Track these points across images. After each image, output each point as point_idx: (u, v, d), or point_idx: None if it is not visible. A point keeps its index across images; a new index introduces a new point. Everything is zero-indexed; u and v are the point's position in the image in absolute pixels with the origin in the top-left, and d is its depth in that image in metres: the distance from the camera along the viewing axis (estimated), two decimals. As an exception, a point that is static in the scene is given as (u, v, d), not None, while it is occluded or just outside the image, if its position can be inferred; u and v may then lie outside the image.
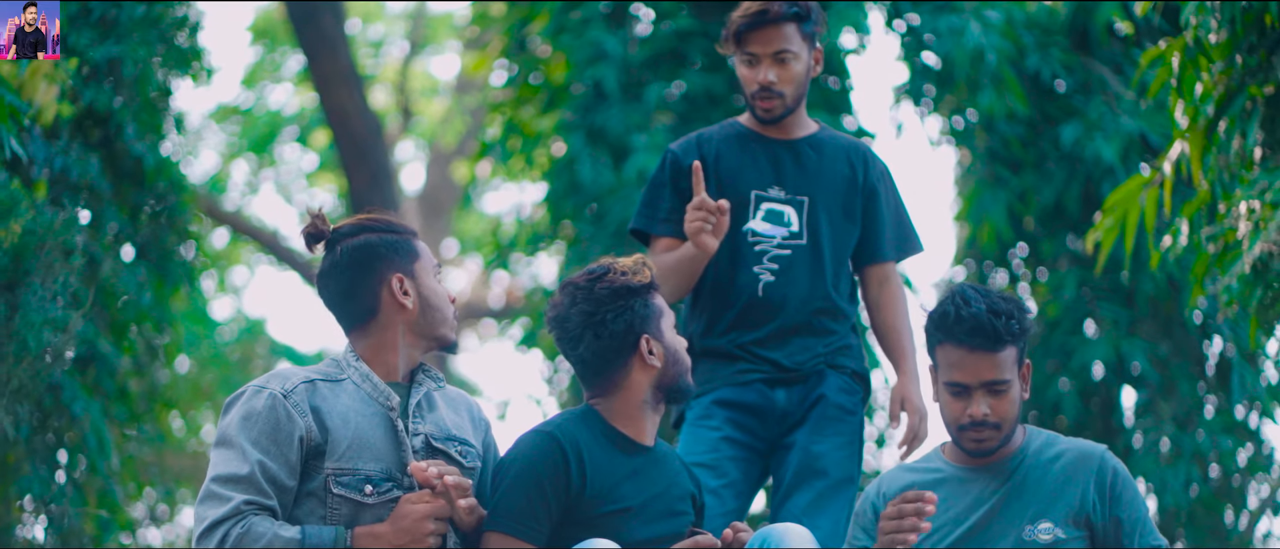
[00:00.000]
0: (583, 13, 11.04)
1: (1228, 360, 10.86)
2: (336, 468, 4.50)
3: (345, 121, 14.80)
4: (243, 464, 4.43)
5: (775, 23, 5.39)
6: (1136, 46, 11.42)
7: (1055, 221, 11.41)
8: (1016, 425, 5.01)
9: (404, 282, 4.65)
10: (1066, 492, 4.91)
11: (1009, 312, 4.92)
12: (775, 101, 5.44)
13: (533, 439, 4.69)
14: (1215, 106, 6.60)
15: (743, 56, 5.43)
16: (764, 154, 5.48)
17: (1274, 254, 6.13)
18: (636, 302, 4.74)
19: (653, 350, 4.73)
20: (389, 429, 4.58)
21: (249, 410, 4.50)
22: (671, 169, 5.49)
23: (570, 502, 4.61)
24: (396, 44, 23.06)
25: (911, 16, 11.28)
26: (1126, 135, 10.89)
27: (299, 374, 4.60)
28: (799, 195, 5.48)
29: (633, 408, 4.76)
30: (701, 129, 5.62)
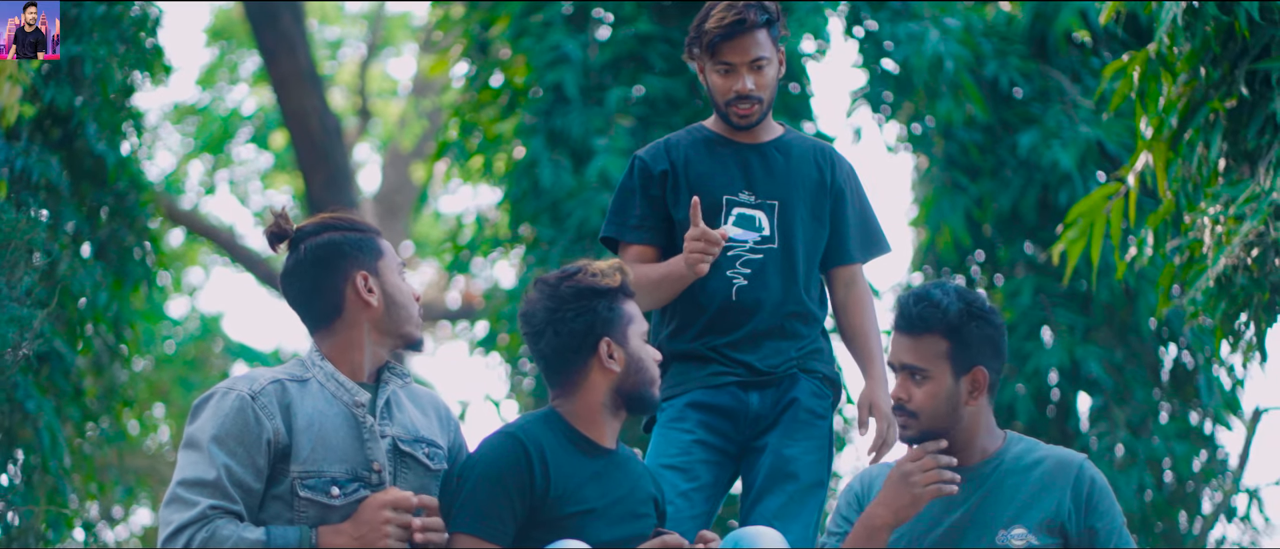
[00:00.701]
0: (544, 16, 11.04)
1: (1182, 367, 10.94)
2: (302, 471, 4.49)
3: (304, 122, 14.77)
4: (209, 469, 4.42)
5: (751, 31, 5.38)
6: (1094, 55, 11.48)
7: (1012, 228, 11.46)
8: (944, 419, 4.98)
9: (368, 279, 4.64)
10: (1043, 499, 4.91)
11: (936, 302, 4.94)
12: (754, 108, 5.40)
13: (496, 441, 4.69)
14: (1179, 118, 6.64)
15: (718, 66, 5.36)
16: (733, 159, 5.47)
17: (1238, 268, 6.17)
18: (600, 303, 4.74)
19: (613, 354, 4.73)
20: (354, 429, 4.57)
21: (217, 413, 4.48)
22: (641, 176, 5.45)
23: (534, 503, 4.61)
24: (353, 46, 23.04)
25: (870, 23, 11.31)
26: (1084, 143, 10.95)
27: (267, 375, 4.58)
28: (769, 200, 5.47)
29: (592, 410, 4.76)
30: (667, 135, 5.60)
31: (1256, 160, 6.33)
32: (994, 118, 11.36)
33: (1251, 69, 6.30)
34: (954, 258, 11.71)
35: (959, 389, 4.95)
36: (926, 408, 4.95)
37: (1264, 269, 6.12)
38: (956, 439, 4.99)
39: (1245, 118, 6.36)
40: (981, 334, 4.93)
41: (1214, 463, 10.90)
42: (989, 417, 5.03)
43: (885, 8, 11.20)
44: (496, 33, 11.38)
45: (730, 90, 5.37)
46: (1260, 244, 6.09)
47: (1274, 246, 6.06)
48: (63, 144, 8.61)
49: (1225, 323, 6.43)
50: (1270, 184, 6.07)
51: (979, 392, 4.96)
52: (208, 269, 22.20)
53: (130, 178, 8.98)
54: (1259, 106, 6.30)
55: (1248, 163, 6.40)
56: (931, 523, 4.98)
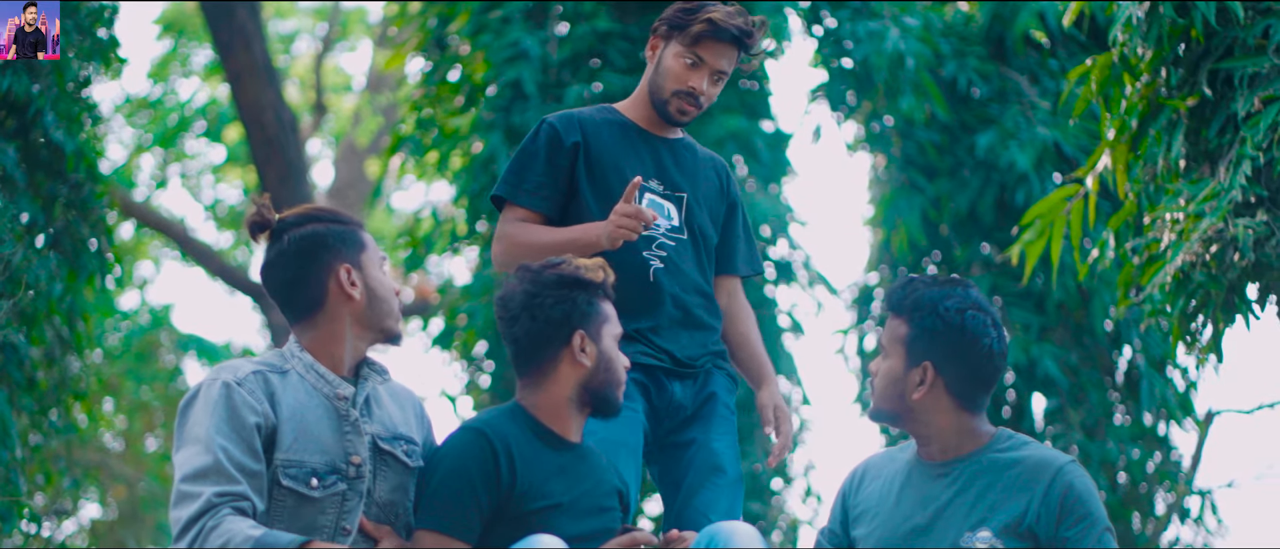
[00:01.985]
0: (503, 12, 11.02)
1: (1137, 369, 10.97)
2: (284, 459, 4.47)
3: (258, 116, 14.70)
4: (206, 455, 4.38)
5: (736, 46, 5.36)
6: (1052, 57, 11.52)
7: (969, 228, 11.48)
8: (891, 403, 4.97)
9: (351, 272, 4.62)
10: (1012, 501, 4.84)
11: (913, 287, 4.95)
12: (693, 110, 5.40)
13: (462, 436, 4.67)
14: (1139, 119, 6.66)
15: (688, 54, 5.31)
16: (644, 147, 5.43)
17: (1197, 264, 6.19)
18: (580, 295, 4.72)
19: (585, 349, 4.72)
20: (335, 421, 4.56)
21: (206, 402, 4.46)
22: (548, 142, 5.34)
23: (500, 498, 4.59)
24: (306, 40, 22.96)
25: (830, 21, 11.33)
26: (1041, 144, 10.98)
27: (248, 365, 4.56)
28: (677, 192, 5.45)
29: (558, 404, 4.75)
30: (579, 109, 5.52)
31: (1217, 159, 6.36)
32: (952, 118, 11.39)
33: (1213, 69, 6.32)
34: (910, 257, 11.74)
35: (907, 379, 4.93)
36: (879, 386, 4.97)
37: (1222, 266, 6.15)
38: (915, 431, 4.98)
39: (1207, 117, 6.39)
40: (938, 331, 4.89)
41: (1168, 465, 10.94)
42: (958, 418, 4.95)
43: (845, 6, 11.22)
44: (455, 28, 11.35)
45: (685, 83, 5.34)
46: (1220, 241, 6.12)
47: (1233, 243, 6.08)
48: (19, 134, 8.55)
49: (1182, 321, 6.45)
50: (1230, 181, 6.09)
51: (925, 387, 4.92)
52: (158, 262, 22.11)
53: (87, 168, 8.93)
54: (1221, 105, 6.32)
55: (1208, 162, 6.43)
56: (900, 521, 4.96)
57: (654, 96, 5.41)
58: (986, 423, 5.01)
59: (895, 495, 4.99)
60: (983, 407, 5.00)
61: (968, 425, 4.95)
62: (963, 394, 4.93)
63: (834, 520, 5.14)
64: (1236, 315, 6.38)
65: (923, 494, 4.94)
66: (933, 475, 4.96)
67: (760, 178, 11.01)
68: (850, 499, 5.11)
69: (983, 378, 4.95)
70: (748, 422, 10.78)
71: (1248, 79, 6.22)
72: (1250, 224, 6.01)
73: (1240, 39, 6.25)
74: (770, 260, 11.17)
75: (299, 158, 15.10)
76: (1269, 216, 6.04)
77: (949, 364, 4.89)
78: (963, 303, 4.92)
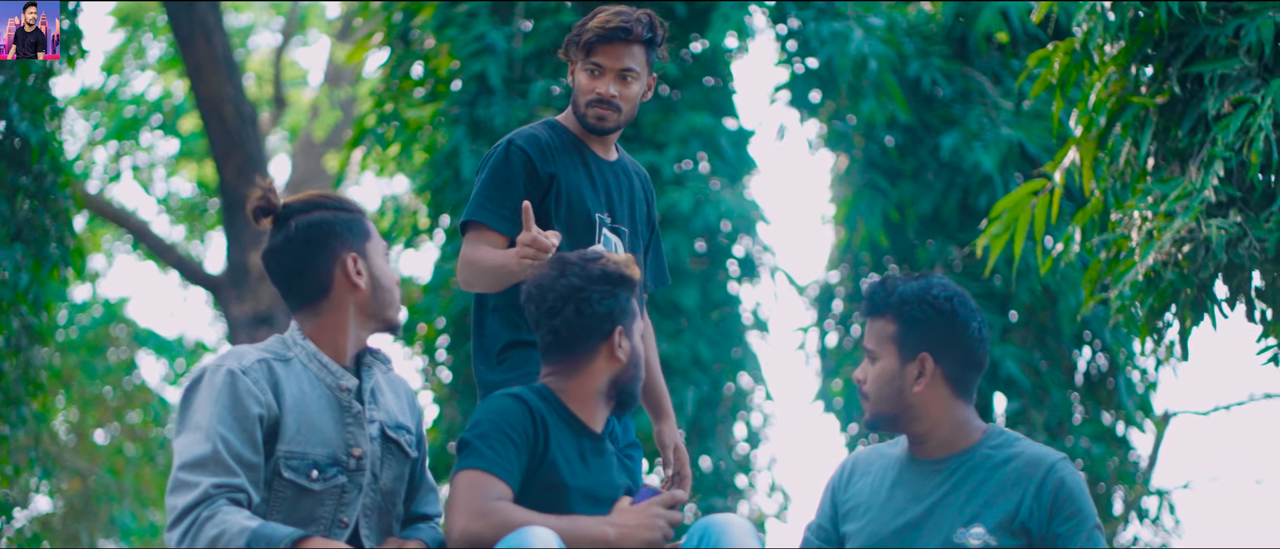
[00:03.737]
0: (468, 6, 11.02)
1: (1098, 369, 11.04)
2: (287, 451, 4.45)
3: (218, 109, 14.67)
4: (206, 444, 4.36)
5: (630, 43, 5.38)
6: (1015, 57, 11.57)
7: (932, 229, 11.52)
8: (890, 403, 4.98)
9: (357, 261, 4.58)
10: (1006, 497, 4.84)
11: (891, 285, 4.97)
12: (610, 114, 5.40)
13: (503, 400, 4.67)
14: (1108, 116, 6.70)
15: (587, 65, 5.36)
16: (598, 176, 5.47)
17: (1168, 264, 6.22)
18: (623, 294, 4.76)
19: (622, 345, 4.75)
20: (336, 412, 4.53)
21: (210, 390, 4.42)
22: (525, 170, 5.34)
23: (534, 464, 4.61)
24: (263, 34, 22.90)
25: (794, 21, 11.36)
26: (1005, 145, 11.03)
27: (253, 352, 4.52)
28: (620, 225, 5.51)
29: (588, 394, 4.77)
30: (536, 131, 5.48)
31: (1187, 158, 6.39)
32: (915, 118, 11.43)
33: (1184, 70, 6.37)
34: (871, 257, 11.77)
35: (904, 374, 4.93)
36: (874, 390, 4.96)
37: (1193, 265, 6.18)
38: (914, 430, 4.97)
39: (1177, 116, 6.43)
40: (928, 320, 4.90)
41: (1126, 464, 11.01)
42: (955, 409, 4.97)
43: (810, 6, 11.25)
44: (420, 22, 11.35)
45: (592, 91, 5.36)
46: (1191, 241, 6.15)
47: (1204, 244, 6.12)
48: (-18, 125, 8.54)
49: (1150, 319, 6.49)
50: (1202, 182, 6.13)
51: (926, 379, 4.93)
52: (111, 255, 22.00)
53: (51, 160, 8.91)
54: (1191, 105, 6.36)
55: (1177, 161, 6.47)
56: (891, 517, 4.97)
57: (576, 113, 5.44)
58: (978, 418, 5.04)
59: (887, 491, 5.00)
60: (974, 396, 5.02)
61: (962, 417, 4.96)
62: (958, 382, 4.94)
63: (822, 516, 5.14)
64: (1205, 315, 6.42)
65: (915, 490, 4.95)
66: (925, 471, 4.97)
67: (725, 175, 11.04)
68: (840, 494, 5.11)
69: (975, 362, 4.98)
70: (710, 419, 10.82)
71: (1218, 79, 6.26)
72: (1223, 225, 6.05)
73: (1211, 38, 6.29)
74: (734, 258, 11.19)
75: (258, 151, 15.07)
76: (1241, 217, 6.08)
77: (945, 352, 4.91)
78: (947, 290, 4.95)
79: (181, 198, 22.19)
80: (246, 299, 15.10)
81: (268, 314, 15.09)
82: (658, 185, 10.69)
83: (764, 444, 11.27)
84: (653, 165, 10.69)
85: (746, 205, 11.09)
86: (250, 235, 15.04)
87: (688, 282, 10.80)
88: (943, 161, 11.29)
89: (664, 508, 4.63)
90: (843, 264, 12.07)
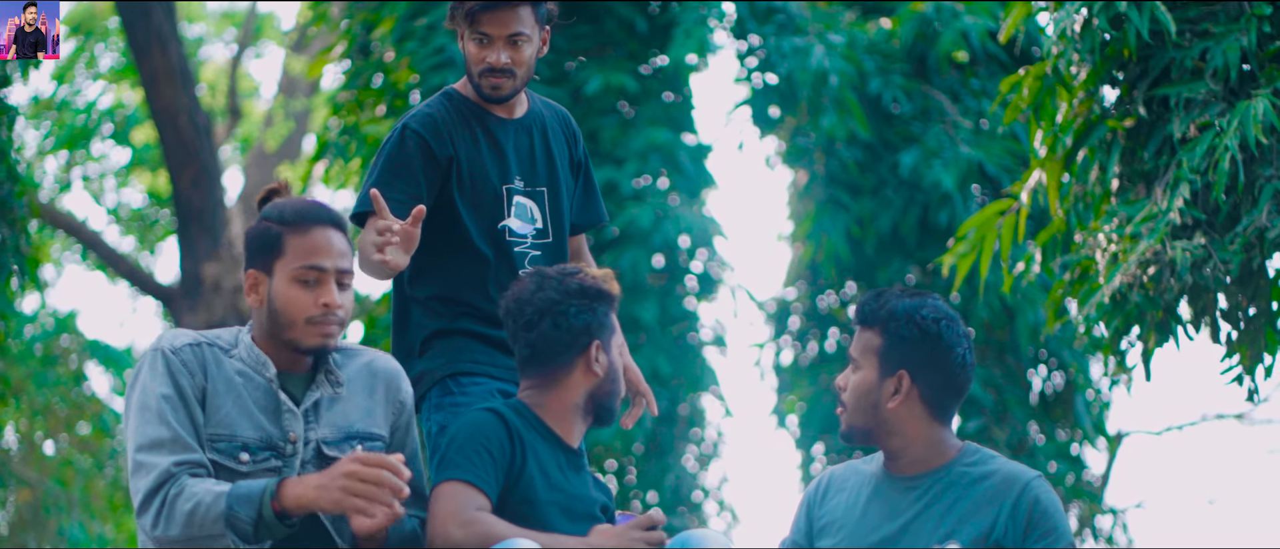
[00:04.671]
0: (428, 19, 11.00)
1: (1056, 389, 11.09)
2: (212, 432, 4.43)
3: (172, 119, 14.60)
4: (160, 425, 4.36)
5: (513, 6, 5.20)
6: (974, 76, 11.61)
7: (891, 248, 11.55)
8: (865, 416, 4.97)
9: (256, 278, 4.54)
10: (981, 514, 4.84)
11: (883, 299, 4.97)
12: (505, 81, 5.20)
13: (478, 415, 4.65)
14: (1074, 137, 6.72)
15: (474, 35, 5.17)
16: (504, 142, 5.28)
17: (1134, 285, 6.25)
18: (600, 308, 4.76)
19: (598, 359, 4.74)
20: (272, 400, 4.50)
21: (151, 372, 4.43)
22: (421, 154, 5.15)
23: (510, 478, 4.59)
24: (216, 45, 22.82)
25: (754, 37, 11.37)
26: (965, 163, 11.06)
27: (188, 335, 4.52)
28: (538, 187, 5.33)
29: (565, 408, 4.76)
30: (432, 110, 5.27)
31: (1153, 180, 6.42)
32: (875, 136, 11.45)
33: (1150, 93, 6.40)
34: (830, 274, 11.79)
35: (881, 388, 4.93)
36: (851, 399, 4.96)
37: (1159, 287, 6.21)
38: (887, 444, 4.97)
39: (1143, 138, 6.46)
40: (914, 339, 4.90)
41: (1083, 483, 11.05)
42: (929, 429, 4.96)
43: (770, 22, 11.27)
44: (379, 34, 11.32)
45: (483, 61, 5.18)
46: (1157, 263, 6.18)
47: (1170, 266, 6.15)
48: (-62, 134, 8.48)
49: (1114, 340, 6.51)
50: (1167, 204, 6.16)
51: (901, 396, 4.93)
52: (60, 265, 21.88)
53: (7, 169, 8.85)
54: (1157, 127, 6.39)
55: (1143, 183, 6.49)
56: (866, 533, 4.97)
57: (471, 83, 5.27)
58: (954, 436, 5.04)
59: (862, 507, 4.99)
60: (952, 419, 5.02)
61: (938, 437, 4.96)
62: (935, 404, 4.94)
63: (797, 532, 5.13)
64: (1169, 336, 6.45)
65: (890, 506, 4.95)
66: (901, 488, 4.97)
67: (683, 190, 11.04)
68: (815, 510, 5.11)
69: (955, 388, 4.97)
70: (668, 433, 10.82)
71: (1184, 102, 6.29)
72: (1188, 247, 6.08)
73: (1177, 61, 6.32)
74: (692, 274, 11.20)
75: (213, 162, 15.00)
76: (1207, 239, 6.11)
77: (924, 373, 4.90)
78: (937, 313, 4.94)
79: (132, 208, 22.08)
80: (199, 310, 15.02)
81: (220, 325, 15.01)
82: (617, 200, 10.68)
83: (717, 461, 11.28)
84: (611, 181, 10.69)
85: (705, 221, 11.10)
86: (204, 246, 14.97)
87: (646, 297, 10.80)
88: (902, 179, 11.32)
89: (642, 531, 4.62)
90: (800, 281, 12.08)
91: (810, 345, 12.35)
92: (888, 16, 12.03)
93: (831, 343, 12.27)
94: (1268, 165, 6.06)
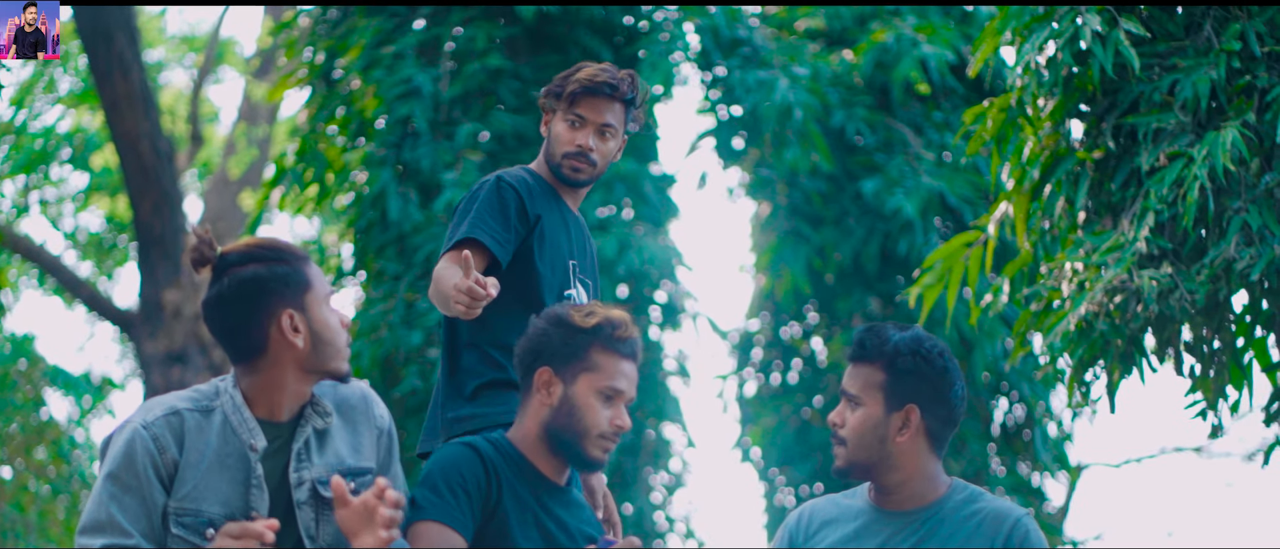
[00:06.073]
0: (395, 47, 11.01)
1: (1016, 421, 11.13)
2: (178, 507, 4.34)
3: (135, 144, 14.56)
4: (101, 511, 4.30)
5: (613, 99, 5.42)
6: (936, 109, 11.67)
7: (851, 278, 11.59)
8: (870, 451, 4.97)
9: (294, 317, 4.40)
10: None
11: (883, 334, 4.98)
12: (585, 168, 5.43)
13: (457, 449, 4.64)
14: (1042, 170, 6.76)
15: (569, 115, 5.40)
16: (571, 224, 5.53)
17: (1099, 315, 6.29)
18: (557, 333, 4.71)
19: (551, 389, 4.71)
20: (244, 471, 4.41)
21: (114, 450, 4.36)
22: (516, 207, 5.34)
23: (485, 513, 4.57)
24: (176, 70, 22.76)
25: (720, 68, 11.42)
26: (926, 193, 11.11)
27: (166, 403, 4.42)
28: (585, 277, 5.55)
29: (531, 440, 4.72)
30: (520, 173, 5.50)
31: (1120, 212, 6.47)
32: (838, 167, 11.51)
33: (1118, 123, 6.44)
34: (792, 305, 11.82)
35: (888, 423, 4.93)
36: (854, 436, 4.95)
37: (1124, 317, 6.25)
38: (887, 480, 4.97)
39: (1110, 170, 6.50)
40: (919, 373, 4.91)
41: (1042, 515, 11.09)
42: (929, 463, 4.98)
43: (735, 55, 11.31)
44: (345, 63, 11.32)
45: (572, 143, 5.39)
46: (1123, 291, 6.22)
47: (1136, 295, 6.19)
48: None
49: (1078, 371, 6.55)
50: (1134, 234, 6.20)
51: (909, 431, 4.93)
52: (16, 290, 21.76)
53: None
54: (1125, 159, 6.44)
55: (1110, 215, 6.54)
56: (862, 569, 4.98)
57: (549, 163, 5.46)
58: (944, 472, 5.07)
59: (855, 543, 5.00)
60: (945, 452, 5.06)
61: (933, 472, 4.98)
62: (937, 437, 4.96)
63: None
64: (1134, 367, 6.49)
65: (884, 542, 4.95)
66: (896, 524, 4.97)
67: (648, 220, 11.06)
68: (798, 542, 5.11)
69: (954, 420, 5.00)
70: (632, 464, 10.82)
71: (1152, 134, 6.34)
72: (1155, 276, 6.12)
73: (1146, 94, 6.38)
74: (656, 304, 11.21)
75: (174, 188, 14.96)
76: (1173, 269, 6.16)
77: (931, 406, 4.91)
78: (938, 346, 4.97)
79: (90, 233, 21.99)
80: (159, 337, 14.97)
81: (181, 352, 14.98)
82: (582, 230, 10.73)
83: (682, 490, 11.28)
84: (576, 209, 10.71)
85: (669, 251, 11.12)
86: (164, 272, 14.93)
87: (610, 326, 10.80)
88: (865, 207, 11.37)
89: None
90: (763, 312, 12.11)
91: (773, 376, 12.38)
92: (851, 48, 12.09)
93: (794, 374, 12.32)
94: (1235, 197, 6.11)
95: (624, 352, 4.72)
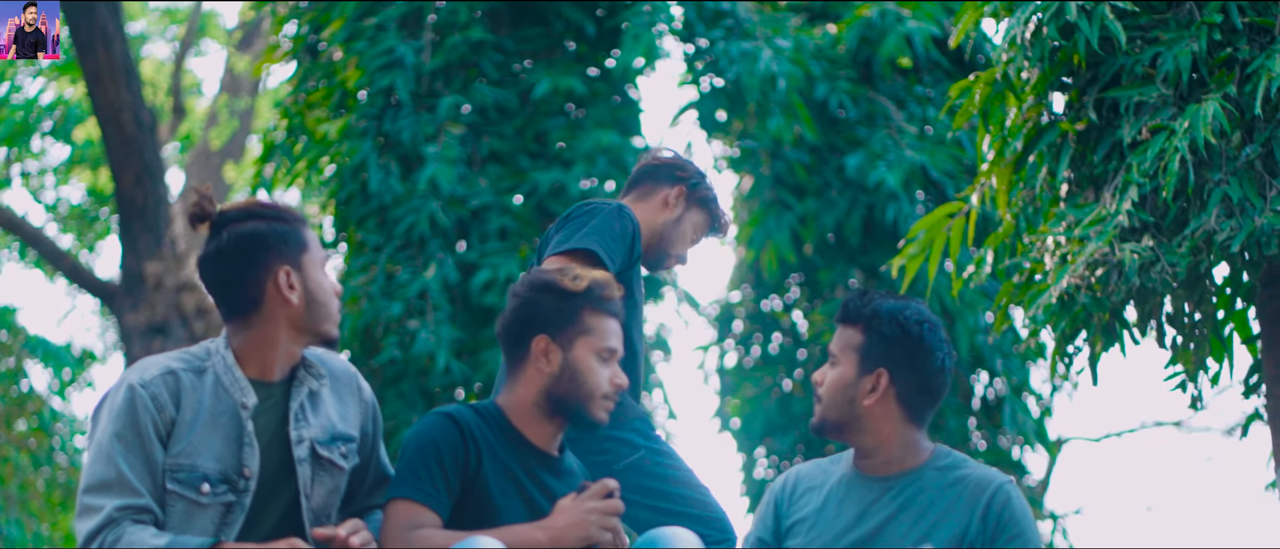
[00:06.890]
0: (377, 19, 10.99)
1: (996, 394, 11.14)
2: (174, 463, 4.38)
3: (116, 116, 14.51)
4: (108, 467, 4.32)
5: None
6: (918, 82, 11.67)
7: (834, 250, 11.60)
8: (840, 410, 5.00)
9: (291, 275, 4.48)
10: (953, 518, 4.87)
11: (867, 298, 5.01)
12: (680, 266, 6.12)
13: (431, 421, 4.65)
14: (1024, 141, 6.77)
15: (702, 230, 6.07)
16: None
17: (1081, 287, 6.29)
18: (547, 300, 4.72)
19: (549, 355, 4.71)
20: (237, 428, 4.46)
21: (112, 410, 4.39)
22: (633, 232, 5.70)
23: (465, 483, 4.57)
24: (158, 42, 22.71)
25: (702, 40, 11.41)
26: (909, 166, 11.12)
27: (161, 363, 4.46)
28: None
29: (525, 407, 4.73)
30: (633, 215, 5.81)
31: (1102, 184, 6.47)
32: (821, 140, 11.51)
33: (1100, 96, 6.44)
34: (775, 277, 11.82)
35: (858, 384, 4.97)
36: (827, 394, 5.00)
37: (1106, 290, 6.26)
38: (860, 441, 5.00)
39: (1092, 142, 6.50)
40: (895, 339, 4.95)
41: (1023, 489, 11.12)
42: (906, 430, 5.00)
43: (718, 26, 11.30)
44: (328, 35, 11.30)
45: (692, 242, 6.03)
46: (1105, 264, 6.22)
47: (1118, 268, 6.19)
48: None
49: (1061, 342, 6.56)
50: (1116, 207, 6.20)
51: (877, 394, 4.96)
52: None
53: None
54: (1106, 132, 6.44)
55: (1092, 187, 6.54)
56: (840, 533, 4.99)
57: (661, 242, 5.95)
58: (927, 439, 5.08)
59: (834, 507, 5.02)
60: (926, 423, 5.07)
61: (911, 438, 5.00)
62: (911, 405, 4.98)
63: (764, 528, 5.14)
64: (1115, 340, 6.50)
65: (863, 506, 4.98)
66: (874, 489, 5.00)
67: (631, 193, 11.05)
68: (783, 508, 5.12)
69: (931, 391, 5.02)
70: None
71: (1134, 107, 6.34)
72: (1136, 249, 6.12)
73: (1128, 67, 6.38)
74: (637, 276, 11.21)
75: (156, 160, 14.92)
76: (1154, 242, 6.16)
77: (902, 373, 4.95)
78: (920, 316, 4.99)
79: (72, 205, 21.96)
80: (141, 309, 14.94)
81: (162, 324, 14.95)
82: (564, 202, 10.71)
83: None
84: (559, 183, 10.70)
85: (651, 224, 11.10)
86: (146, 244, 14.90)
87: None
88: (847, 180, 11.37)
89: (597, 501, 4.60)
90: (744, 284, 12.11)
91: (754, 349, 12.39)
92: (834, 22, 12.09)
93: (775, 346, 12.33)
94: (1216, 169, 6.11)
95: (612, 311, 4.77)
